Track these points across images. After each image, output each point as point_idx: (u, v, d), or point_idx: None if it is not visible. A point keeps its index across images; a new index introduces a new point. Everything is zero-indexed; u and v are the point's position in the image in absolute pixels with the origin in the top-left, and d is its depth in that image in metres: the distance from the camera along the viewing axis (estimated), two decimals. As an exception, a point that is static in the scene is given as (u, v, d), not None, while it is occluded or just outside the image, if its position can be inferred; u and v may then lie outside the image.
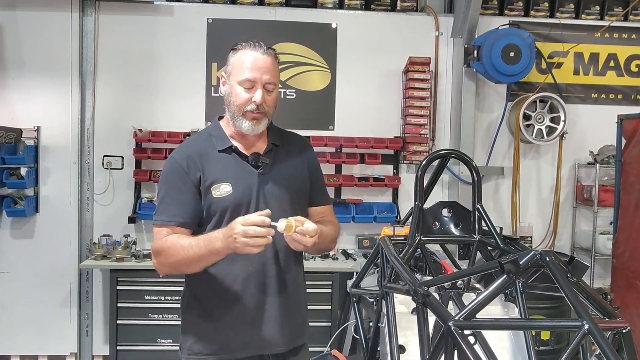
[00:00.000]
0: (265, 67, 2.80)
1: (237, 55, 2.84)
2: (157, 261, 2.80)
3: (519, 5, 6.89)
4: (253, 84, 2.78)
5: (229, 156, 2.87)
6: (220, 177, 2.81)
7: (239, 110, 2.81)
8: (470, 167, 3.46)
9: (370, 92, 6.74)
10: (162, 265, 2.79)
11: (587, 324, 2.01)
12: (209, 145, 2.89)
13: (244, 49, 2.83)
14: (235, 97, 2.81)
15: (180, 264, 2.73)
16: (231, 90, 2.84)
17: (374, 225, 6.53)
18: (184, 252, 2.67)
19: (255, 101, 2.77)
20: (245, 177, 2.85)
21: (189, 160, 2.82)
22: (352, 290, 4.01)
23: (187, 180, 2.79)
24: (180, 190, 2.80)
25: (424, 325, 2.42)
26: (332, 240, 3.06)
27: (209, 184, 2.80)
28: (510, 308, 3.03)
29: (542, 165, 6.98)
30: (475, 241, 3.37)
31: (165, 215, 2.80)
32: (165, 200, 2.83)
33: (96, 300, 6.53)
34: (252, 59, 2.80)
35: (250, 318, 2.86)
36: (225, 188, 2.79)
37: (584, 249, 6.86)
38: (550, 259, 2.27)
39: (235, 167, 2.86)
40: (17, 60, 6.34)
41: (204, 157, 2.84)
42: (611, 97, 6.99)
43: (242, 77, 2.78)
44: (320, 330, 5.94)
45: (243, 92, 2.79)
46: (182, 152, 2.88)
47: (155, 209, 2.86)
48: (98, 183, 6.50)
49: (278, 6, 6.65)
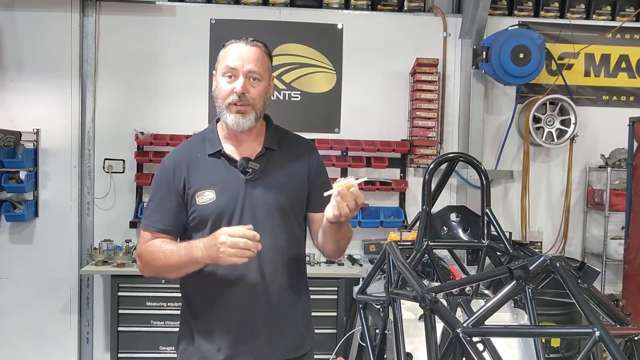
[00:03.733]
0: (249, 56, 2.76)
1: (223, 50, 2.83)
2: (140, 263, 2.85)
3: (528, 6, 6.89)
4: (234, 72, 2.74)
5: (217, 161, 2.83)
6: (205, 184, 2.78)
7: (223, 102, 2.76)
8: (478, 170, 3.46)
9: (377, 94, 6.75)
10: (144, 268, 2.83)
11: (598, 330, 2.00)
12: (201, 149, 2.86)
13: (230, 43, 2.82)
14: (219, 90, 2.79)
15: (162, 270, 2.75)
16: (217, 84, 2.81)
17: (380, 230, 6.55)
18: (165, 259, 2.70)
19: (236, 90, 2.72)
20: (231, 184, 2.79)
21: (176, 166, 2.81)
22: (358, 296, 4.01)
23: (172, 187, 2.80)
24: (164, 196, 2.81)
25: (432, 332, 2.42)
26: (349, 239, 2.97)
27: (194, 191, 2.78)
28: (520, 315, 3.03)
29: (552, 169, 6.98)
30: (484, 246, 3.37)
31: (148, 220, 2.82)
32: (150, 205, 2.86)
33: (97, 306, 6.55)
34: (235, 49, 2.78)
35: (239, 329, 2.82)
36: (208, 195, 2.76)
37: (595, 255, 6.85)
38: (560, 265, 2.27)
39: (222, 173, 2.81)
40: (16, 62, 6.37)
41: (192, 162, 2.82)
42: (623, 99, 6.99)
43: (224, 67, 2.76)
44: (325, 338, 5.97)
45: (225, 83, 2.76)
46: (172, 156, 2.88)
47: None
48: (99, 187, 6.53)
49: (282, 6, 6.67)
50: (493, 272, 2.58)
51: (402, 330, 2.84)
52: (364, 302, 4.00)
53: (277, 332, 2.86)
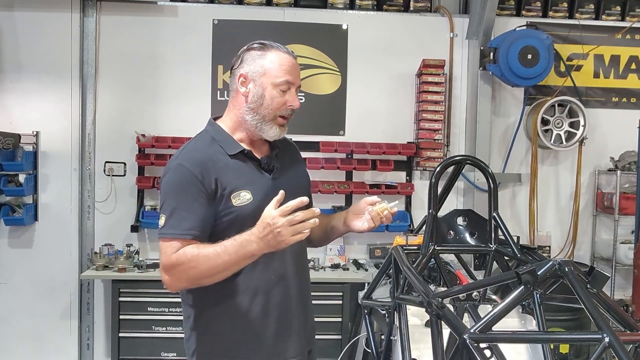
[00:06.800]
0: (297, 71, 2.87)
1: (270, 57, 2.82)
2: (170, 277, 2.68)
3: (536, 6, 6.90)
4: (290, 86, 2.81)
5: (240, 161, 2.81)
6: (239, 184, 2.75)
7: (273, 114, 2.81)
8: (486, 173, 3.47)
9: (382, 95, 6.76)
10: (177, 281, 2.69)
11: (608, 336, 2.00)
12: (217, 150, 2.81)
13: (274, 49, 2.83)
14: (271, 101, 2.79)
15: (203, 276, 2.63)
16: (264, 93, 2.79)
17: (386, 234, 6.52)
18: (209, 262, 2.58)
19: (293, 106, 2.84)
20: (260, 183, 2.81)
21: (203, 167, 2.71)
22: (363, 301, 4.01)
23: (202, 190, 2.69)
24: (193, 201, 2.68)
25: (438, 338, 2.42)
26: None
27: (229, 192, 2.73)
28: (528, 320, 3.03)
29: (560, 172, 6.98)
30: (492, 251, 3.37)
31: (178, 228, 2.66)
32: (177, 212, 2.68)
33: (97, 312, 6.56)
34: (287, 61, 2.83)
35: (275, 327, 2.86)
36: (245, 196, 2.73)
37: (604, 259, 6.85)
38: (569, 269, 2.27)
39: (251, 172, 2.82)
40: (16, 63, 6.39)
41: (216, 163, 2.75)
42: (633, 101, 6.98)
43: (281, 79, 2.79)
44: (330, 344, 5.96)
45: (279, 95, 2.79)
46: (192, 159, 2.74)
47: (162, 221, 2.71)
48: (99, 190, 6.54)
49: (286, 6, 6.68)
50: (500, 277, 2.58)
51: (408, 336, 2.85)
52: (369, 307, 4.00)
53: (304, 323, 3.00)
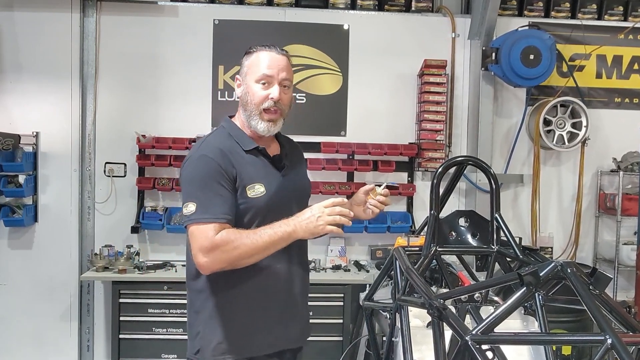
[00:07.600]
0: (281, 65, 3.01)
1: (253, 56, 3.03)
2: (209, 258, 2.77)
3: (539, 6, 6.89)
4: (270, 79, 2.97)
5: (254, 157, 3.01)
6: (255, 177, 2.94)
7: (257, 108, 2.98)
8: (488, 174, 3.47)
9: (384, 96, 6.75)
10: (217, 262, 2.78)
11: (610, 338, 2.01)
12: (234, 144, 3.00)
13: (259, 50, 3.03)
14: (253, 96, 2.98)
15: (246, 255, 2.77)
16: (247, 90, 3.00)
17: (387, 236, 6.54)
18: (252, 243, 2.75)
19: (272, 97, 2.96)
20: (273, 179, 3.00)
21: (224, 158, 2.90)
22: (364, 303, 4.02)
23: (226, 177, 2.87)
24: (221, 187, 2.86)
25: (440, 339, 2.42)
26: None
27: (245, 184, 2.91)
28: (530, 322, 3.04)
29: (563, 173, 6.97)
30: (494, 252, 3.38)
31: (212, 213, 2.81)
32: (209, 198, 2.84)
33: (97, 313, 6.55)
34: (268, 57, 3.00)
35: (281, 315, 3.04)
36: (259, 189, 2.93)
37: (606, 260, 6.84)
38: (571, 271, 2.28)
39: (263, 167, 3.01)
40: (15, 64, 6.38)
41: (234, 156, 2.95)
42: (635, 102, 6.98)
43: (259, 74, 2.97)
44: (331, 345, 5.95)
45: (260, 89, 2.97)
46: (213, 150, 2.93)
47: (191, 208, 2.84)
48: (99, 191, 6.53)
49: (287, 7, 6.68)
50: (503, 278, 2.58)
51: (409, 338, 2.85)
52: (370, 309, 4.01)
53: (304, 313, 3.22)
